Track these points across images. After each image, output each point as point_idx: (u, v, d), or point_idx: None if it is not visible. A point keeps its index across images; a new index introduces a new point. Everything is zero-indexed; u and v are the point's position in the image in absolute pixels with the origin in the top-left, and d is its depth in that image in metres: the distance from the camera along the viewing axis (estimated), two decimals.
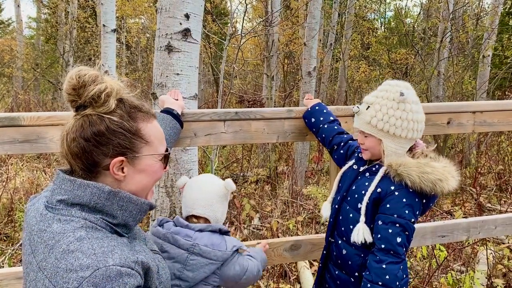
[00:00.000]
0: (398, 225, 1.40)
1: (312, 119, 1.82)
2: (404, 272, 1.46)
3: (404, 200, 1.42)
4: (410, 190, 1.42)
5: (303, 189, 5.67)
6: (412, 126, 1.45)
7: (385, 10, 18.09)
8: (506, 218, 2.30)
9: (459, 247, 3.57)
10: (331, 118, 1.81)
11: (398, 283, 1.38)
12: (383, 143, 1.48)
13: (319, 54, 9.23)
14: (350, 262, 1.54)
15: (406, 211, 1.41)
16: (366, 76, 12.70)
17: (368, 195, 1.49)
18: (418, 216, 1.47)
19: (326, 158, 7.70)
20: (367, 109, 1.50)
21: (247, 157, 7.65)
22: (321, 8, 7.15)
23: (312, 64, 6.29)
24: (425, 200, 1.46)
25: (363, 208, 1.49)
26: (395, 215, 1.41)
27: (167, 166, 1.15)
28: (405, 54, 10.68)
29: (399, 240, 1.40)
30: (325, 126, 1.78)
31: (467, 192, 5.67)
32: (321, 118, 1.80)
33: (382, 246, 1.41)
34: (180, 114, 1.68)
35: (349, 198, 1.57)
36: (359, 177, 1.56)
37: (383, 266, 1.39)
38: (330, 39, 12.47)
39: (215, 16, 9.09)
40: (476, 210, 4.85)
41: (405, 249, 1.42)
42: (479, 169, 6.35)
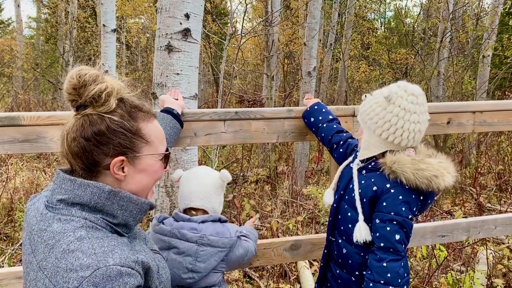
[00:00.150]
0: (395, 222, 1.40)
1: (311, 119, 1.83)
2: (405, 270, 1.46)
3: (400, 197, 1.41)
4: (406, 187, 1.41)
5: (303, 189, 5.67)
6: (389, 128, 1.43)
7: (385, 10, 18.11)
8: (506, 218, 2.30)
9: (459, 247, 3.58)
10: (330, 117, 1.81)
11: (400, 281, 1.38)
12: (363, 135, 1.52)
13: (319, 54, 9.23)
14: (350, 261, 1.54)
15: (403, 208, 1.41)
16: (366, 76, 12.71)
17: (356, 193, 1.51)
18: (416, 213, 1.47)
19: (326, 158, 7.70)
20: None
21: (247, 157, 7.65)
22: (321, 8, 7.16)
23: (312, 64, 6.29)
24: (422, 196, 1.46)
25: (358, 206, 1.50)
26: (392, 213, 1.41)
27: (167, 166, 1.15)
28: (405, 54, 10.68)
29: (397, 237, 1.40)
30: (324, 125, 1.78)
31: (467, 192, 5.67)
32: (320, 118, 1.80)
33: (382, 245, 1.41)
34: (180, 114, 1.68)
35: (346, 197, 1.58)
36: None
37: (384, 265, 1.39)
38: (330, 39, 12.48)
39: (215, 16, 9.09)
40: (476, 210, 4.85)
41: (404, 246, 1.42)
42: (479, 169, 6.35)
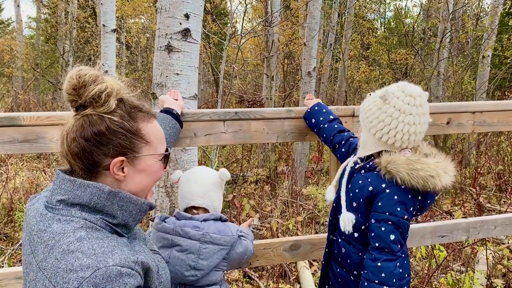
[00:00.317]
0: (390, 222, 1.40)
1: (313, 120, 1.83)
2: (405, 271, 1.46)
3: (395, 197, 1.41)
4: (402, 187, 1.41)
5: (302, 189, 5.67)
6: (383, 128, 1.43)
7: (385, 10, 18.11)
8: (506, 218, 2.30)
9: (458, 247, 3.58)
10: (331, 117, 1.81)
11: (395, 280, 1.38)
12: (361, 133, 1.53)
13: (319, 54, 9.23)
14: (349, 260, 1.55)
15: (398, 208, 1.41)
16: (366, 76, 12.70)
17: (343, 188, 1.55)
18: (413, 213, 1.47)
19: (326, 158, 7.70)
20: None
21: (247, 157, 7.66)
22: (321, 8, 7.15)
23: (312, 64, 6.29)
24: (420, 196, 1.45)
25: (343, 201, 1.54)
26: (387, 213, 1.41)
27: (167, 166, 1.15)
28: (405, 54, 10.68)
29: (392, 237, 1.40)
30: (325, 126, 1.79)
31: (466, 192, 5.68)
32: (321, 118, 1.81)
33: (376, 245, 1.42)
34: (179, 114, 1.69)
35: (345, 197, 1.58)
36: (355, 174, 1.57)
37: (378, 264, 1.39)
38: (330, 39, 12.48)
39: (215, 16, 9.09)
40: (476, 210, 4.85)
41: (400, 246, 1.42)
42: (479, 169, 6.35)
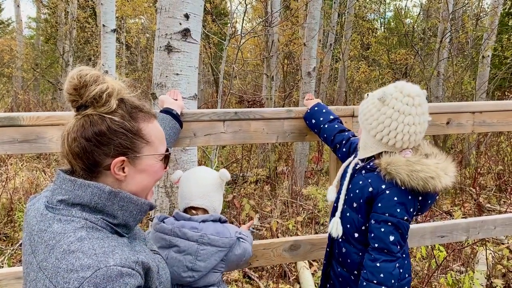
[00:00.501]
0: (390, 223, 1.41)
1: (313, 120, 1.83)
2: (405, 272, 1.46)
3: (395, 198, 1.41)
4: (402, 188, 1.41)
5: (302, 189, 5.68)
6: (382, 130, 1.43)
7: (384, 10, 18.11)
8: (506, 218, 2.30)
9: (458, 248, 3.58)
10: (331, 117, 1.81)
11: (393, 281, 1.38)
12: (361, 134, 1.54)
13: (318, 55, 9.23)
14: (349, 260, 1.55)
15: (398, 210, 1.41)
16: (365, 77, 12.71)
17: (344, 187, 1.56)
18: (413, 213, 1.47)
19: (326, 158, 7.70)
20: None
21: (247, 157, 7.66)
22: (320, 9, 7.15)
23: (311, 64, 6.29)
24: (421, 197, 1.45)
25: (340, 204, 1.56)
26: (387, 214, 1.41)
27: (167, 166, 1.15)
28: (404, 54, 10.68)
29: (392, 238, 1.40)
30: (325, 126, 1.78)
31: (466, 193, 5.68)
32: (321, 119, 1.80)
33: (376, 245, 1.42)
34: (179, 114, 1.69)
35: (346, 197, 1.58)
36: (356, 174, 1.57)
37: (377, 265, 1.40)
38: (330, 40, 12.47)
39: (215, 16, 9.09)
40: (476, 211, 4.85)
41: (399, 247, 1.42)
42: (479, 169, 6.35)
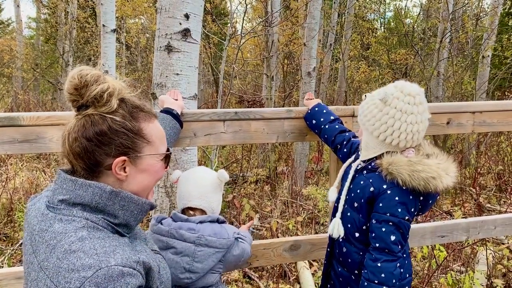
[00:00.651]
0: (391, 223, 1.41)
1: (313, 121, 1.82)
2: (406, 271, 1.46)
3: (396, 198, 1.42)
4: (403, 188, 1.42)
5: (302, 189, 5.68)
6: (386, 130, 1.43)
7: (384, 10, 18.11)
8: (506, 218, 2.30)
9: (458, 247, 3.58)
10: (331, 117, 1.81)
11: (394, 281, 1.39)
12: (362, 136, 1.53)
13: (318, 55, 9.23)
14: (350, 259, 1.55)
15: (399, 210, 1.41)
16: (365, 77, 12.71)
17: (345, 188, 1.56)
18: (414, 213, 1.47)
19: (326, 158, 7.70)
20: None
21: (247, 157, 7.65)
22: (320, 9, 7.15)
23: (311, 64, 6.29)
24: (422, 197, 1.46)
25: (341, 205, 1.56)
26: (388, 214, 1.41)
27: (168, 166, 1.15)
28: (404, 54, 10.68)
29: (393, 238, 1.41)
30: (326, 127, 1.78)
31: (466, 193, 5.68)
32: (321, 119, 1.80)
33: (377, 245, 1.42)
34: (179, 114, 1.69)
35: (347, 197, 1.58)
36: (357, 175, 1.57)
37: (378, 265, 1.40)
38: (330, 40, 12.47)
39: (215, 16, 9.09)
40: (476, 211, 4.85)
41: (400, 246, 1.43)
42: (479, 169, 6.35)
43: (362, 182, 1.51)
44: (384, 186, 1.44)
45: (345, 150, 1.74)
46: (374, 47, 12.08)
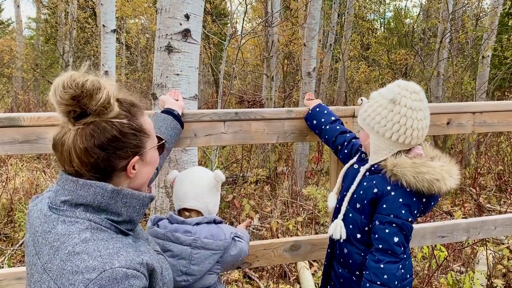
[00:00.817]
0: (394, 225, 1.41)
1: (314, 121, 1.82)
2: (407, 272, 1.46)
3: (400, 200, 1.42)
4: (407, 190, 1.42)
5: (302, 189, 5.68)
6: (399, 129, 1.43)
7: (384, 10, 18.11)
8: (506, 218, 2.31)
9: (459, 248, 3.58)
10: (332, 118, 1.80)
11: (396, 282, 1.39)
12: (370, 139, 1.51)
13: (318, 55, 9.23)
14: (351, 260, 1.55)
15: (403, 211, 1.42)
16: (365, 77, 12.72)
17: (351, 191, 1.54)
18: (417, 215, 1.47)
19: (326, 158, 7.70)
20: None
21: (247, 157, 7.65)
22: (320, 9, 7.15)
23: (311, 64, 6.29)
24: (425, 199, 1.46)
25: (344, 205, 1.55)
26: (392, 215, 1.42)
27: (162, 152, 1.18)
28: (404, 54, 10.68)
29: (396, 239, 1.41)
30: (327, 127, 1.78)
31: (466, 193, 5.68)
32: (322, 120, 1.80)
33: (380, 246, 1.42)
34: (180, 115, 1.69)
35: (348, 202, 1.58)
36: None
37: (381, 266, 1.40)
38: (330, 40, 12.47)
39: (215, 17, 9.08)
40: (476, 211, 4.85)
41: (403, 248, 1.43)
42: (479, 169, 6.36)
43: (365, 184, 1.51)
44: (388, 188, 1.44)
45: (345, 151, 1.74)
46: (374, 47, 12.08)
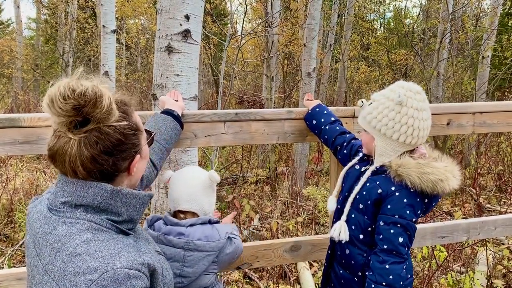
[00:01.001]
0: (399, 225, 1.41)
1: (314, 121, 1.82)
2: (408, 272, 1.46)
3: (404, 200, 1.42)
4: (411, 190, 1.42)
5: (302, 189, 5.68)
6: (406, 130, 1.43)
7: (384, 10, 18.11)
8: (506, 219, 2.31)
9: (459, 248, 3.58)
10: (332, 118, 1.80)
11: (402, 283, 1.39)
12: (375, 141, 1.50)
13: (318, 55, 9.22)
14: (353, 261, 1.55)
15: (407, 211, 1.42)
16: (365, 77, 12.71)
17: (355, 192, 1.53)
18: (420, 215, 1.48)
19: (326, 158, 7.70)
20: (369, 105, 1.52)
21: (247, 157, 7.65)
22: (320, 9, 7.16)
23: (311, 65, 6.30)
24: (427, 199, 1.47)
25: (347, 206, 1.54)
26: (396, 216, 1.42)
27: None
28: (404, 54, 10.69)
29: (401, 240, 1.41)
30: (326, 128, 1.78)
31: (466, 193, 5.68)
32: (322, 120, 1.80)
33: (385, 247, 1.42)
34: (180, 115, 1.69)
35: (351, 203, 1.58)
36: (361, 177, 1.57)
37: (386, 267, 1.40)
38: (330, 40, 12.47)
39: (215, 17, 9.09)
40: (476, 211, 4.85)
41: (407, 248, 1.43)
42: (479, 169, 6.36)
43: (368, 184, 1.51)
44: (393, 188, 1.45)
45: (345, 152, 1.74)
46: (374, 47, 12.09)
